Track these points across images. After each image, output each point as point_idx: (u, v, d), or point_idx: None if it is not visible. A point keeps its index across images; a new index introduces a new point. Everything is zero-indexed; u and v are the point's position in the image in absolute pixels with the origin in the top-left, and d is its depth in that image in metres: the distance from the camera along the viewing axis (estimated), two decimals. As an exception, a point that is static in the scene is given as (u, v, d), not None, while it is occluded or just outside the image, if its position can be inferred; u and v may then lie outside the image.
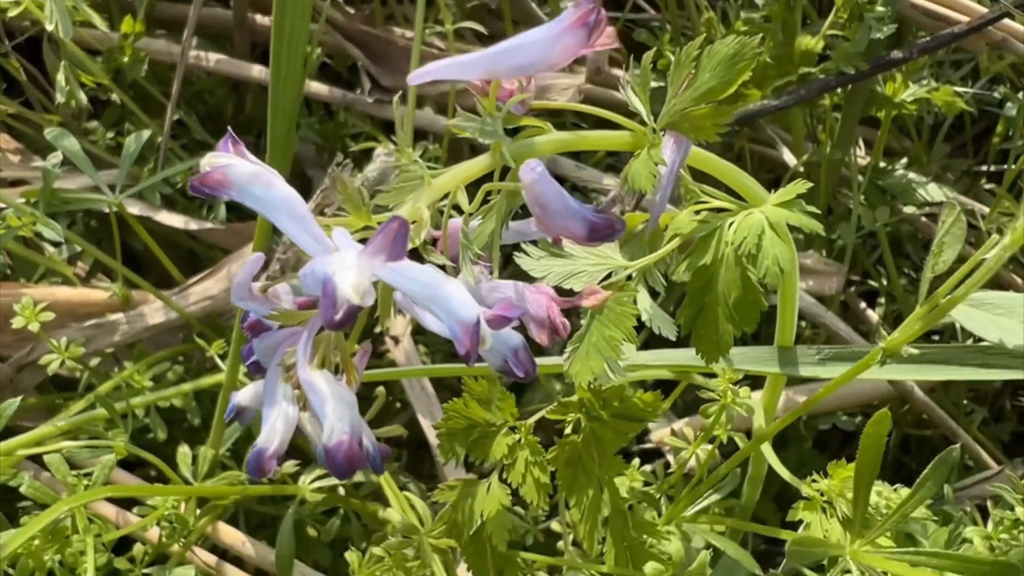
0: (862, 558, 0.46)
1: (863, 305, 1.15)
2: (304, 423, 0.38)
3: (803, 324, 1.09)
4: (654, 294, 0.59)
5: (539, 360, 0.51)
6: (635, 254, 0.58)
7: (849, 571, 0.46)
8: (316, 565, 0.88)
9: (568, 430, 0.58)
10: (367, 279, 0.32)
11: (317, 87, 1.02)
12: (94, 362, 0.85)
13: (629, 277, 0.56)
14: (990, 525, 0.78)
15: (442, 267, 0.46)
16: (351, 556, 0.62)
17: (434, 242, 0.48)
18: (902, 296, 1.11)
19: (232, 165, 0.36)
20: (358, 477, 0.77)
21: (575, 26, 0.39)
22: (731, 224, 0.55)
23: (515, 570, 0.58)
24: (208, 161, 0.37)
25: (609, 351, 0.48)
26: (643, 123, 0.51)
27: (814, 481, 0.68)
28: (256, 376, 0.41)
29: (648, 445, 0.99)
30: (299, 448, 0.80)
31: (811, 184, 0.55)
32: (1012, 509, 0.78)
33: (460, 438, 0.58)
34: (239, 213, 1.01)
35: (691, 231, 0.56)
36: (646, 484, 0.73)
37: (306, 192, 1.22)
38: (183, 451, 0.69)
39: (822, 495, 0.66)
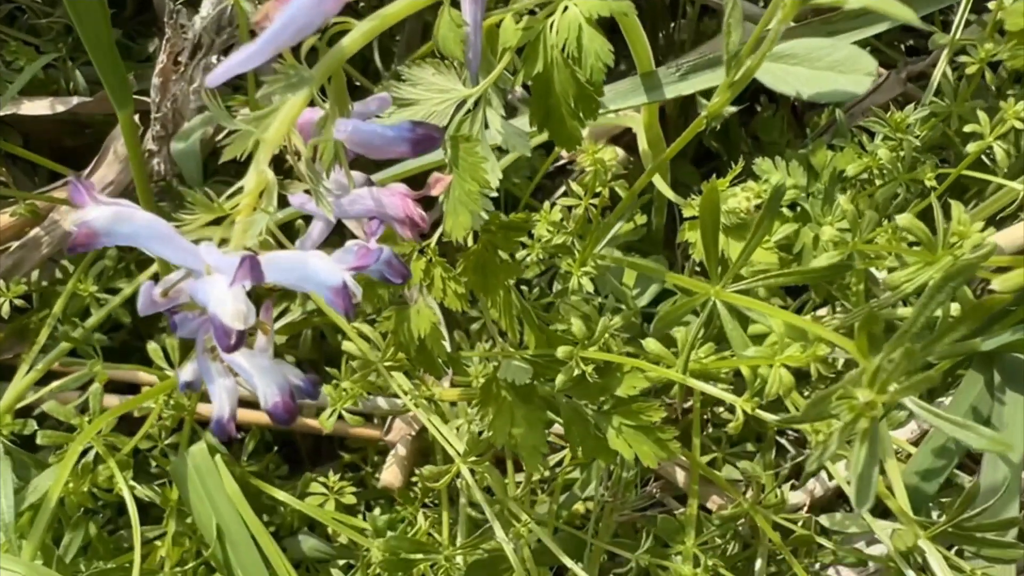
0: (723, 296, 0.58)
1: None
2: (243, 383, 0.48)
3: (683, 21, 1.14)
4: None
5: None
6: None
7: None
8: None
9: (470, 242, 0.69)
10: (243, 303, 0.40)
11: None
12: (34, 275, 0.93)
13: (477, 102, 0.63)
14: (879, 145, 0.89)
15: (307, 191, 0.53)
16: (328, 389, 0.75)
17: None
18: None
19: (92, 218, 0.43)
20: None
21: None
22: (552, 25, 0.61)
23: (459, 365, 0.72)
24: (71, 221, 0.43)
25: (471, 204, 0.56)
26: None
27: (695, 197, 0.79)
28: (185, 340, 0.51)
29: (563, 161, 1.09)
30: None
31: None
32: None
33: (378, 282, 0.68)
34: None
35: (518, 41, 0.62)
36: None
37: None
38: (153, 347, 0.80)
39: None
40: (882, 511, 0.68)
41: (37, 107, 0.98)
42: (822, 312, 0.88)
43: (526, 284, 0.99)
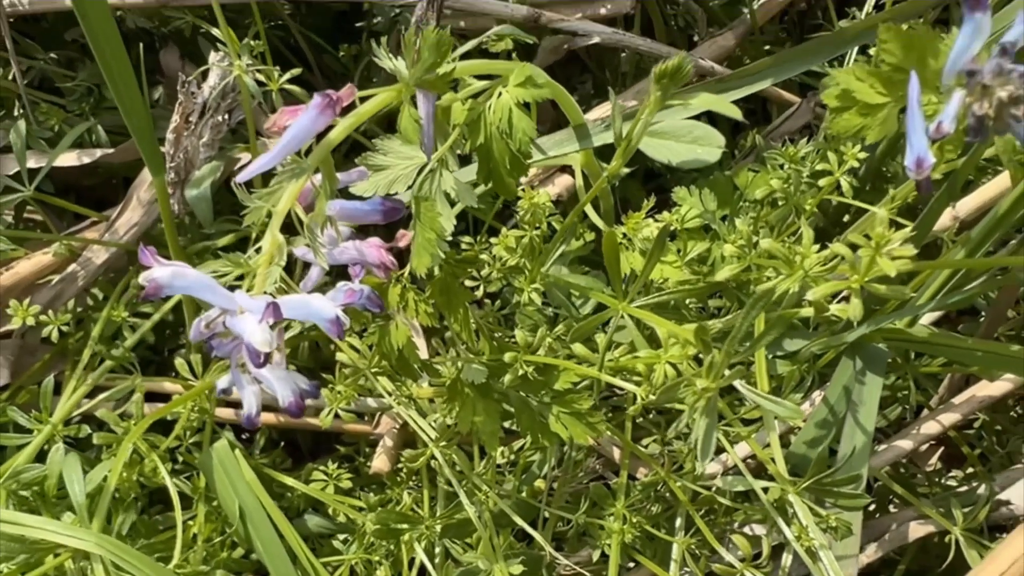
0: (629, 311, 0.78)
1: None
2: (265, 389, 0.68)
3: (624, 55, 1.34)
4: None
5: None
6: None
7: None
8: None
9: (436, 272, 0.88)
10: (268, 334, 0.60)
11: (127, -6, 1.17)
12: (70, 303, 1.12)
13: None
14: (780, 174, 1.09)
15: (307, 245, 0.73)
16: (326, 393, 0.95)
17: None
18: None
19: (156, 277, 0.62)
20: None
21: (322, 110, 0.62)
22: (490, 107, 0.80)
23: (433, 371, 0.92)
24: (143, 278, 0.62)
25: (431, 248, 0.76)
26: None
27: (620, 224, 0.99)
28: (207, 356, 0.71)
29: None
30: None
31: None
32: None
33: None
34: (120, 131, 1.22)
35: (465, 119, 0.82)
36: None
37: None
38: (179, 361, 1.00)
39: (624, 236, 0.97)
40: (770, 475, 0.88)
41: (67, 159, 1.18)
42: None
43: (491, 297, 1.19)
